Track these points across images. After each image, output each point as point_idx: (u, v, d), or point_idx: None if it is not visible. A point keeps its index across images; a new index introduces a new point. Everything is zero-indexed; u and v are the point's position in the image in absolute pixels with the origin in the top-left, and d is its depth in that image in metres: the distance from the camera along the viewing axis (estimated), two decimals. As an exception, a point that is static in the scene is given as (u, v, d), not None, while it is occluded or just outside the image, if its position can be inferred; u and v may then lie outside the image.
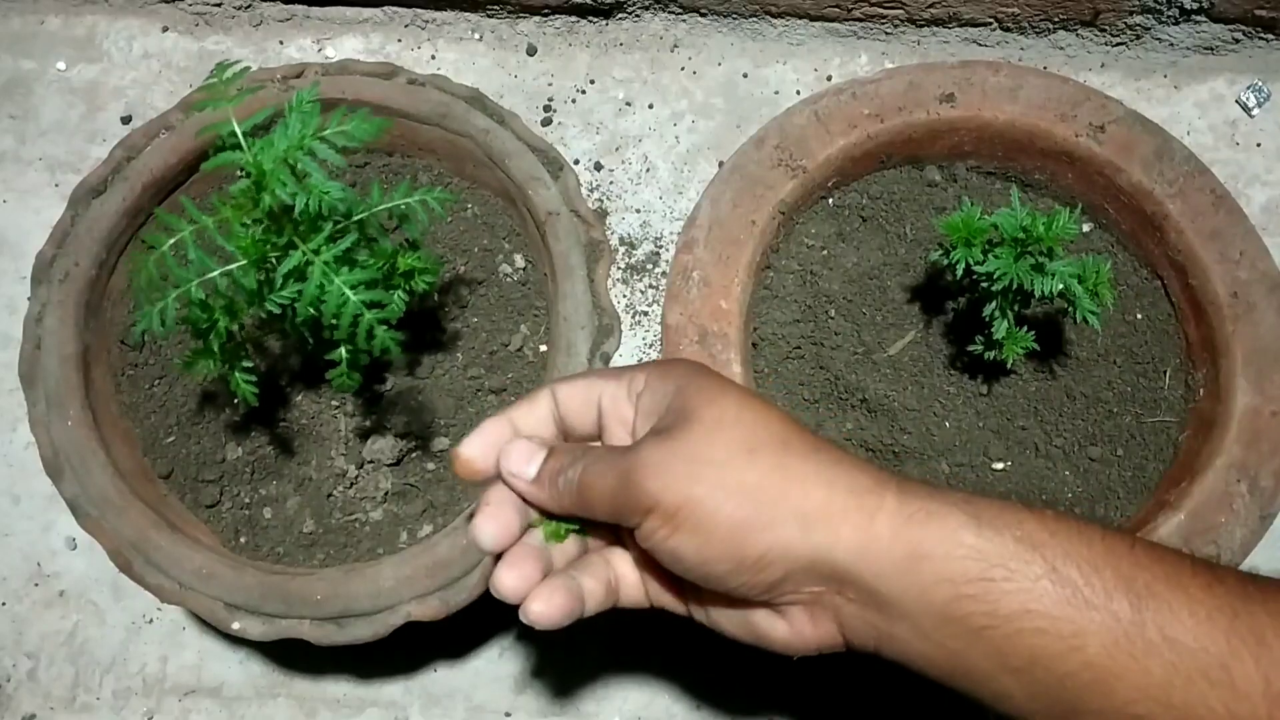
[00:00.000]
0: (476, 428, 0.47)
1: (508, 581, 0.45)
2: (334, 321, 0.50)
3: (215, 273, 0.49)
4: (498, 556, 0.46)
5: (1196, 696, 0.36)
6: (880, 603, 0.40)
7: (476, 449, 0.47)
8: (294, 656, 0.71)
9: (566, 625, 0.45)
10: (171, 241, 0.49)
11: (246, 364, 0.55)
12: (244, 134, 0.50)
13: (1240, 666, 0.36)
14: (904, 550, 0.40)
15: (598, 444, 0.48)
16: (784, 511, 0.41)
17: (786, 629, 0.44)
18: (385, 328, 0.50)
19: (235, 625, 0.57)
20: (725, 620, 0.46)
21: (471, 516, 0.47)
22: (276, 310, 0.51)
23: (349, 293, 0.49)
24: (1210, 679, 0.36)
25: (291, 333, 0.55)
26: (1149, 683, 0.37)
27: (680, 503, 0.41)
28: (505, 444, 0.47)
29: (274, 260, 0.50)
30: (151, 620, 0.72)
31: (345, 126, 0.49)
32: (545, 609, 0.44)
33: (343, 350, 0.53)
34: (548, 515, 0.47)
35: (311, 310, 0.50)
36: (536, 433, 0.47)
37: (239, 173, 0.50)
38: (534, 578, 0.45)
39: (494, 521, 0.46)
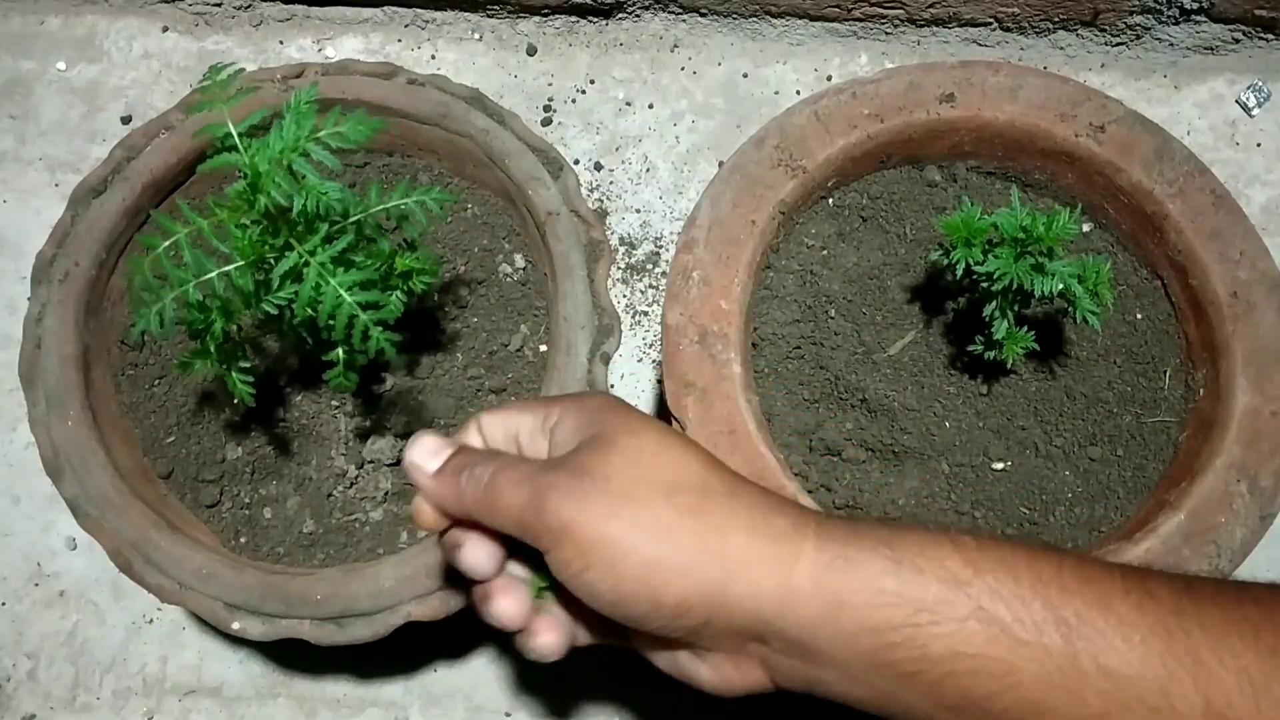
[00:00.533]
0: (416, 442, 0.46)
1: (512, 610, 0.44)
2: (330, 322, 0.50)
3: (212, 274, 0.49)
4: (470, 582, 0.46)
5: None
6: (806, 651, 0.40)
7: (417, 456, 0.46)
8: (294, 656, 0.71)
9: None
10: (167, 244, 0.49)
11: (244, 365, 0.55)
12: (240, 135, 0.50)
13: (1178, 689, 0.35)
14: (825, 600, 0.39)
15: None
16: (703, 558, 0.40)
17: (710, 673, 0.43)
18: (381, 329, 0.50)
19: (235, 625, 0.57)
20: (655, 658, 0.45)
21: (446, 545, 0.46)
22: (274, 311, 0.51)
23: (344, 294, 0.49)
24: (1149, 705, 0.36)
25: (289, 334, 0.55)
26: (1087, 714, 0.36)
27: (594, 537, 0.40)
28: (413, 438, 0.46)
29: (271, 261, 0.50)
30: (151, 620, 0.72)
31: (341, 128, 0.49)
32: (554, 639, 0.44)
33: (339, 351, 0.53)
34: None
35: (308, 311, 0.50)
36: None
37: (239, 173, 0.51)
38: (527, 604, 0.45)
39: (479, 550, 0.45)
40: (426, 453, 0.45)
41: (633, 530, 0.40)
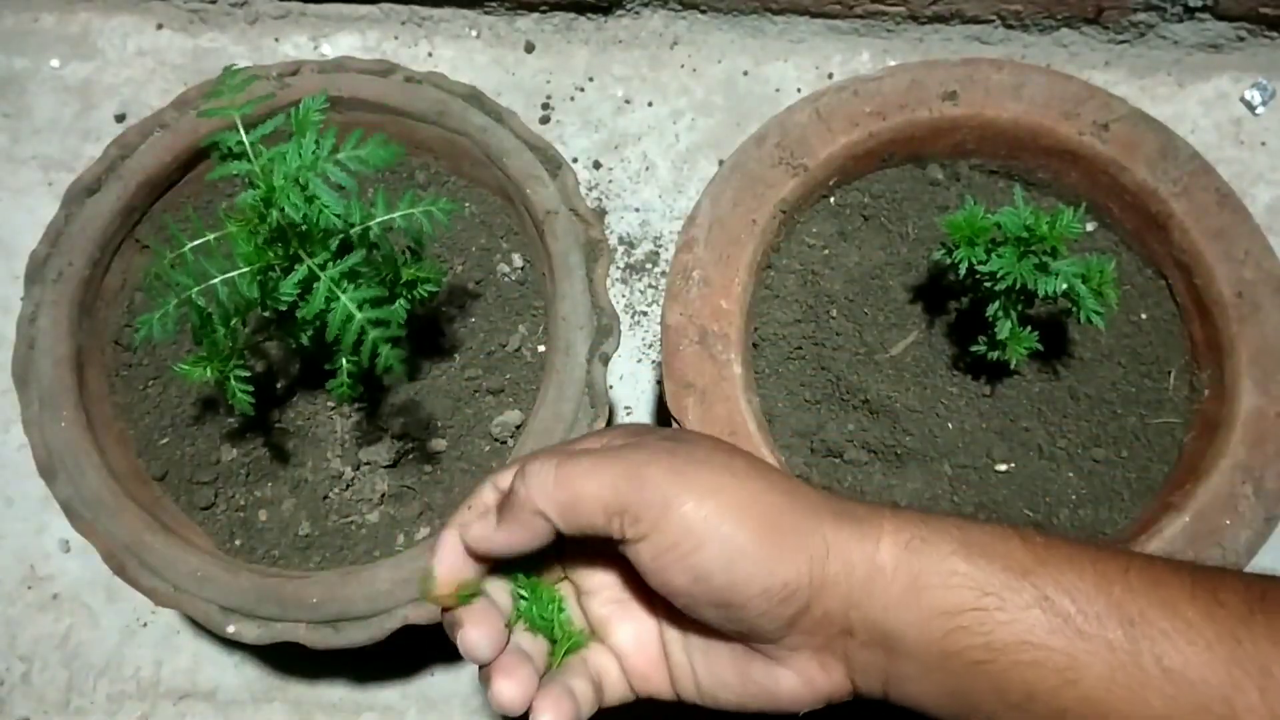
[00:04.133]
0: (436, 550, 0.43)
1: (510, 693, 0.41)
2: (338, 335, 0.49)
3: (216, 280, 0.49)
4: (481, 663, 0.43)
5: None
6: (887, 640, 0.39)
7: (447, 567, 0.43)
8: (289, 660, 0.70)
9: None
10: (172, 256, 0.49)
11: (243, 373, 0.55)
12: (251, 144, 0.50)
13: (1243, 699, 0.35)
14: (905, 581, 0.39)
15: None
16: (808, 538, 0.39)
17: (794, 679, 0.41)
18: (390, 346, 0.49)
19: (230, 629, 0.56)
20: (723, 687, 0.43)
21: (449, 624, 0.43)
22: (283, 308, 0.51)
23: (355, 310, 0.49)
24: (1213, 713, 0.35)
25: (292, 338, 0.55)
26: (1149, 716, 0.36)
27: (708, 511, 0.38)
28: (461, 521, 0.43)
29: (277, 269, 0.50)
30: (146, 624, 0.72)
31: (360, 151, 0.49)
32: (564, 712, 0.41)
33: (344, 361, 0.53)
34: (505, 567, 0.44)
35: (315, 324, 0.50)
36: None
37: (243, 180, 0.50)
38: (532, 683, 0.42)
39: (479, 629, 0.42)
40: (478, 514, 0.43)
41: (744, 502, 0.39)
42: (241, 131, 0.49)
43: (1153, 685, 0.36)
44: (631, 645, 0.45)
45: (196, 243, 0.50)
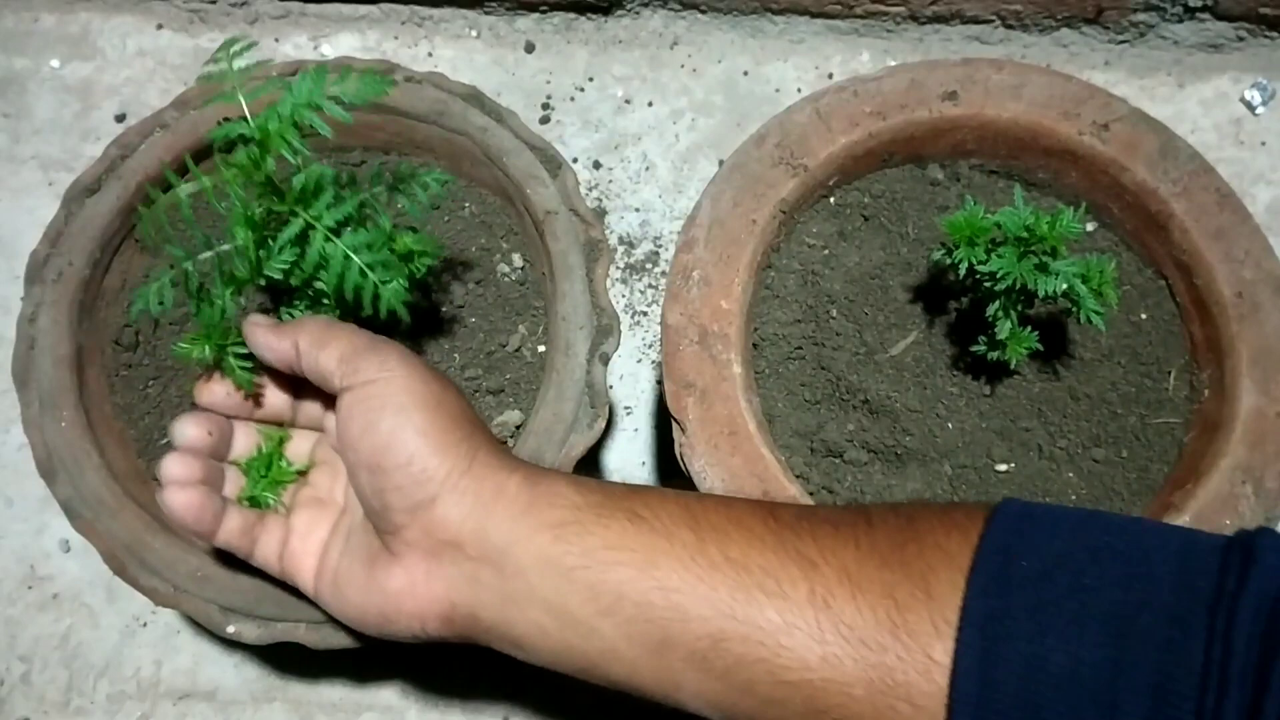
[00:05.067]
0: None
1: (178, 498, 0.50)
2: (338, 285, 0.50)
3: (214, 251, 0.50)
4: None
5: (756, 609, 0.41)
6: (499, 557, 0.45)
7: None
8: (290, 660, 0.70)
9: (202, 531, 0.50)
10: (166, 197, 0.50)
11: (241, 349, 0.54)
12: (246, 102, 0.50)
13: (787, 575, 0.42)
14: (523, 503, 0.45)
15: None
16: (462, 443, 0.46)
17: (403, 577, 0.46)
18: (390, 287, 0.50)
19: (230, 629, 0.56)
20: (350, 581, 0.49)
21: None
22: (277, 276, 0.51)
23: (353, 255, 0.50)
24: (766, 591, 0.42)
25: (290, 314, 0.55)
26: (716, 599, 0.42)
27: (405, 383, 0.47)
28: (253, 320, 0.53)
29: (272, 239, 0.51)
30: (146, 624, 0.72)
31: (349, 85, 0.50)
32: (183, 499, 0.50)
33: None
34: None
35: (313, 276, 0.51)
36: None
37: (243, 139, 0.50)
38: (199, 491, 0.50)
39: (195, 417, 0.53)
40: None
41: (434, 396, 0.47)
42: (242, 100, 0.50)
43: (719, 571, 0.42)
44: (302, 528, 0.52)
45: (192, 188, 0.50)
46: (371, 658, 0.65)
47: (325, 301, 0.54)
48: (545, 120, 0.83)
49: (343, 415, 0.48)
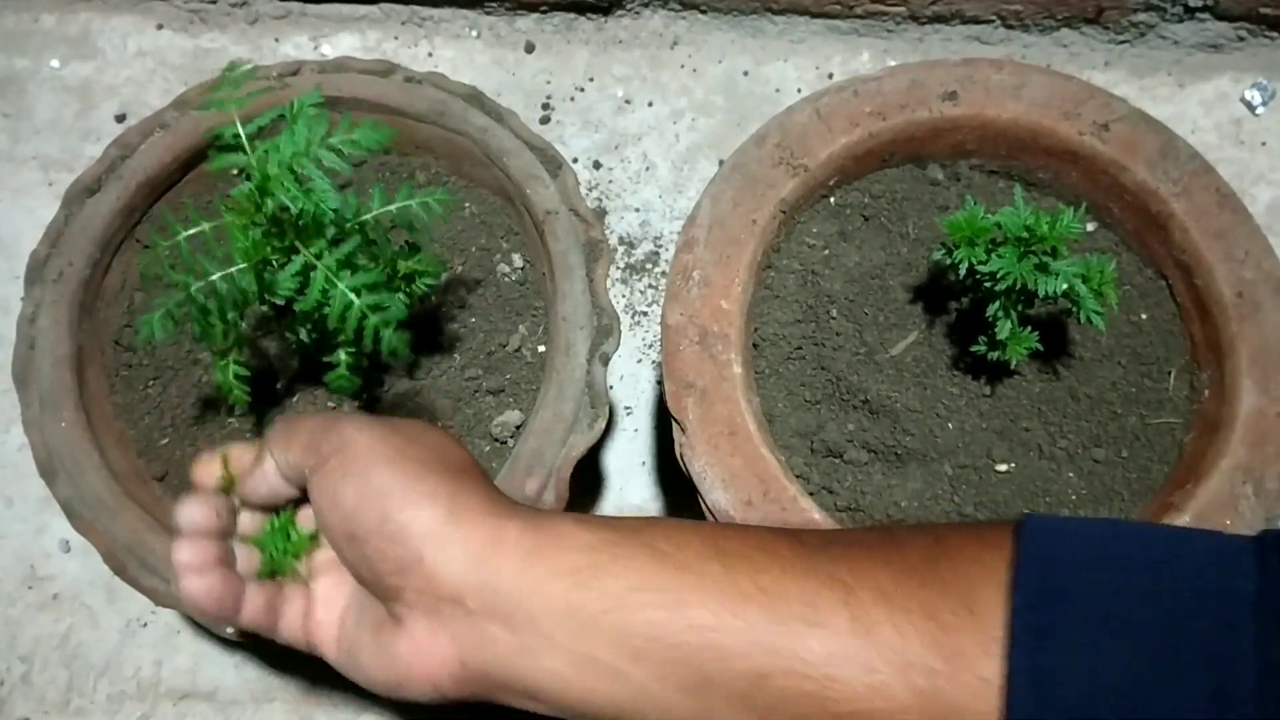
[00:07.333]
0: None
1: (194, 584, 0.47)
2: (339, 325, 0.50)
3: (215, 276, 0.49)
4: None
5: (798, 641, 0.39)
6: (508, 610, 0.42)
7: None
8: (290, 660, 0.70)
9: (222, 614, 0.48)
10: (168, 245, 0.49)
11: (239, 367, 0.55)
12: (248, 137, 0.50)
13: (823, 600, 0.40)
14: (527, 548, 0.42)
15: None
16: (436, 492, 0.44)
17: (410, 643, 0.44)
18: (391, 329, 0.50)
19: (230, 629, 0.56)
20: (363, 648, 0.46)
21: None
22: (280, 302, 0.51)
23: (353, 297, 0.49)
24: (805, 620, 0.40)
25: (291, 334, 0.55)
26: (754, 634, 0.40)
27: (364, 444, 0.45)
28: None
29: (274, 262, 0.50)
30: (146, 624, 0.72)
31: (353, 135, 0.49)
32: (201, 584, 0.47)
33: (342, 354, 0.53)
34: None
35: (314, 317, 0.50)
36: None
37: (235, 173, 0.50)
38: (216, 572, 0.47)
39: (198, 500, 0.49)
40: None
41: (397, 450, 0.45)
42: (239, 124, 0.50)
43: (754, 603, 0.40)
44: (324, 595, 0.49)
45: (192, 232, 0.50)
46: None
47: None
48: (545, 120, 0.83)
49: (313, 497, 0.47)
